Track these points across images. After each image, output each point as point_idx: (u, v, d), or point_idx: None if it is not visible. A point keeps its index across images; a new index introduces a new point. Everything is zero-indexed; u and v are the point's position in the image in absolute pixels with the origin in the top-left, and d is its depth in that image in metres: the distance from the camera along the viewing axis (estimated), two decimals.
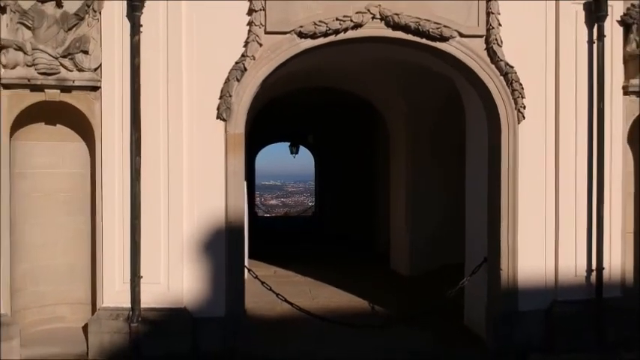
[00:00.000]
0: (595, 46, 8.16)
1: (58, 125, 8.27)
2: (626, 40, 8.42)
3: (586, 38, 8.22)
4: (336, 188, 21.07)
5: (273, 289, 8.52)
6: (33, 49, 7.47)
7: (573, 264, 8.26)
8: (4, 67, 7.45)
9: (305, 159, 29.37)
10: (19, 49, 7.45)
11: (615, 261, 8.42)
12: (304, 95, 14.76)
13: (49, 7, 7.52)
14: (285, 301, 8.52)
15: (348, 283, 11.95)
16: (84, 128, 8.14)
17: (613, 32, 8.34)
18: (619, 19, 8.36)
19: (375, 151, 17.66)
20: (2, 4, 7.35)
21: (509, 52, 8.04)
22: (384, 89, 13.03)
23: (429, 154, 13.07)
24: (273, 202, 61.62)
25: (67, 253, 8.47)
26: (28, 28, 7.48)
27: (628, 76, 8.46)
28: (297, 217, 32.38)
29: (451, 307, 9.31)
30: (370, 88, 13.44)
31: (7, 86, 7.50)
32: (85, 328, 8.22)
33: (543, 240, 8.23)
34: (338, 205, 20.94)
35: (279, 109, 16.10)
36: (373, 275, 13.10)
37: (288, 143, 23.05)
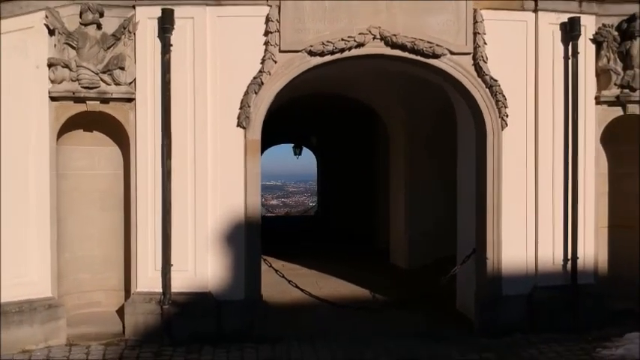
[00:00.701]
0: (570, 61, 9.36)
1: (94, 132, 9.49)
2: (598, 56, 9.63)
3: (562, 54, 9.43)
4: (338, 188, 22.24)
5: (286, 278, 9.73)
6: (77, 66, 8.66)
7: (551, 254, 9.46)
8: (53, 82, 8.64)
9: (306, 159, 30.44)
10: (66, 66, 8.64)
11: (589, 252, 9.63)
12: (310, 100, 15.90)
13: (91, 30, 8.71)
14: (297, 287, 9.74)
15: (351, 275, 13.17)
16: (118, 134, 9.34)
17: (586, 49, 9.54)
18: (591, 37, 9.57)
19: (375, 154, 18.83)
20: (51, 28, 8.54)
21: (493, 68, 9.23)
22: (384, 96, 14.22)
23: (427, 157, 14.24)
24: (274, 202, 62.65)
25: (102, 245, 9.68)
26: (73, 48, 8.67)
27: (600, 87, 9.67)
28: (298, 216, 33.48)
29: (445, 294, 10.57)
30: (371, 95, 14.63)
31: (54, 98, 8.68)
32: (118, 312, 9.45)
33: (524, 233, 9.43)
34: (340, 205, 22.10)
35: (285, 113, 17.23)
36: (374, 268, 14.29)
37: (292, 145, 24.22)
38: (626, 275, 10.28)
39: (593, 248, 9.68)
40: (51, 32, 8.60)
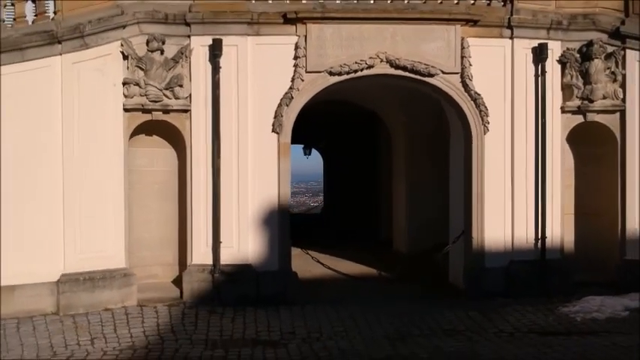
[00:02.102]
0: (539, 78, 11.88)
1: (154, 136, 11.99)
2: (563, 73, 12.14)
3: (533, 73, 11.96)
4: (344, 187, 24.66)
5: (310, 255, 12.24)
6: (145, 84, 11.15)
7: (525, 234, 11.97)
8: (126, 97, 11.14)
9: (307, 160, 32.53)
10: (136, 84, 11.13)
11: (556, 233, 12.13)
12: (321, 106, 18.33)
13: (156, 55, 11.19)
14: (319, 262, 12.27)
15: (360, 259, 15.69)
16: (174, 139, 11.84)
17: (553, 68, 12.06)
18: (557, 59, 12.09)
19: (378, 155, 21.25)
20: (126, 54, 11.04)
21: (477, 84, 11.74)
22: (387, 103, 16.70)
23: (425, 156, 16.61)
24: None
25: (159, 228, 12.18)
26: (142, 69, 11.15)
27: (565, 99, 12.18)
28: (304, 214, 35.84)
29: (440, 273, 13.09)
30: (376, 102, 17.11)
31: (127, 110, 11.17)
32: (173, 282, 11.95)
33: (503, 217, 11.94)
34: (345, 202, 24.51)
35: (298, 117, 19.68)
36: (379, 254, 16.78)
37: (302, 145, 26.71)
38: (590, 254, 12.77)
39: (559, 230, 12.18)
40: (125, 57, 11.09)
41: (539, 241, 11.96)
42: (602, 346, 9.11)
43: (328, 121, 22.50)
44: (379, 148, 21.05)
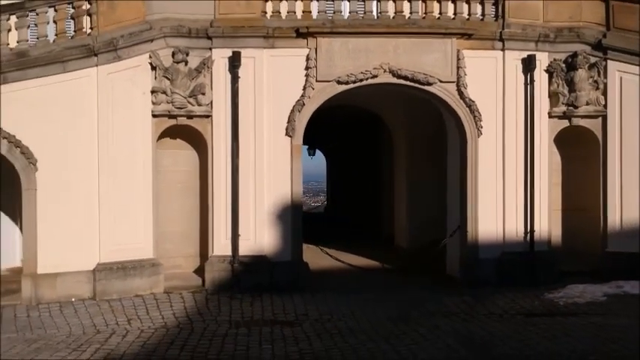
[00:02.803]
0: (528, 86, 13.20)
1: (177, 139, 13.32)
2: (550, 82, 13.46)
3: (523, 81, 13.28)
4: (347, 186, 26.01)
5: (320, 248, 13.56)
6: (172, 93, 12.48)
7: (515, 228, 13.29)
8: (154, 104, 12.47)
9: (308, 160, 33.72)
10: (163, 92, 12.46)
11: (544, 227, 13.44)
12: (326, 110, 19.64)
13: (181, 66, 12.51)
14: (327, 254, 13.60)
15: (364, 253, 16.99)
16: (196, 141, 13.17)
17: (541, 77, 13.38)
18: (545, 68, 13.41)
19: (380, 155, 22.53)
20: (154, 65, 12.36)
21: (471, 91, 13.06)
22: (389, 107, 18.00)
23: (425, 157, 17.88)
24: None
25: (182, 223, 13.51)
26: (168, 79, 12.48)
27: (552, 105, 13.51)
28: (307, 212, 37.10)
29: (437, 266, 14.42)
30: (379, 106, 18.41)
31: (155, 115, 12.51)
32: (195, 272, 13.28)
33: (495, 213, 13.26)
34: (349, 200, 25.87)
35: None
36: (381, 248, 18.10)
37: (306, 146, 28.05)
38: (576, 246, 14.11)
39: (547, 225, 13.50)
40: (153, 68, 12.42)
41: (528, 234, 13.27)
42: (581, 324, 10.41)
43: (333, 123, 23.80)
44: (381, 148, 22.31)
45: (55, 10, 11.93)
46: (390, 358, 8.67)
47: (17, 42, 11.69)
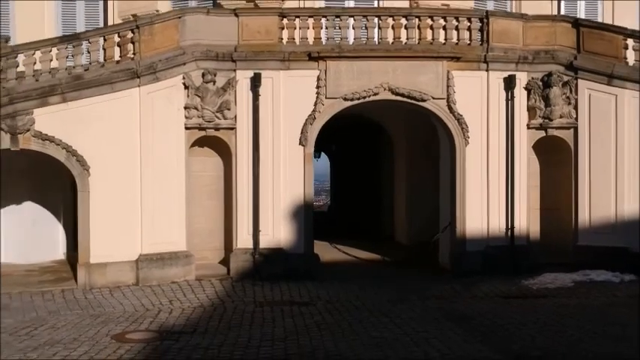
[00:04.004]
0: (509, 102, 15.48)
1: (205, 147, 15.61)
2: (528, 98, 15.74)
3: (504, 97, 15.55)
4: (351, 186, 28.18)
5: (329, 242, 15.85)
6: (202, 108, 14.74)
7: (498, 225, 15.57)
8: (187, 118, 14.74)
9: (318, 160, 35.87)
10: (195, 108, 14.74)
11: (523, 224, 15.72)
12: (334, 119, 21.87)
13: (210, 85, 14.78)
14: (336, 247, 15.90)
15: (366, 248, 19.27)
16: (221, 149, 15.45)
17: (521, 94, 15.66)
18: (524, 86, 15.68)
19: (382, 159, 24.74)
20: (187, 85, 14.65)
21: (460, 107, 15.32)
22: (390, 117, 20.25)
23: (422, 161, 20.07)
24: None
25: (208, 221, 15.78)
26: (199, 97, 14.75)
27: (530, 118, 15.78)
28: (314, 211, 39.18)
29: (432, 259, 16.71)
30: (380, 115, 20.66)
31: (187, 128, 14.79)
32: (220, 263, 15.57)
33: (480, 211, 15.52)
34: (353, 200, 28.03)
35: None
36: (382, 244, 20.38)
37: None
38: (552, 240, 16.38)
39: (526, 222, 15.78)
40: (186, 87, 14.70)
41: (509, 230, 15.54)
42: (547, 304, 12.68)
43: (338, 129, 25.96)
44: (382, 153, 24.53)
45: (105, 39, 14.23)
46: (389, 328, 10.93)
47: (74, 67, 13.96)
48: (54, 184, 16.46)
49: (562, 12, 18.73)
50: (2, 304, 12.32)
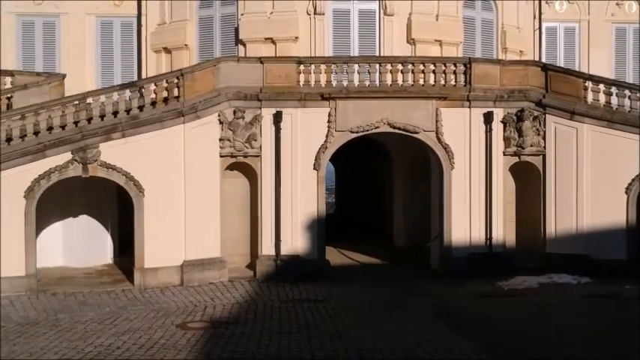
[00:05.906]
0: (487, 133, 18.89)
1: (235, 171, 19.04)
2: (504, 130, 19.13)
3: (484, 129, 18.95)
4: (354, 195, 31.57)
5: (335, 248, 19.33)
6: (233, 140, 18.15)
7: (478, 235, 18.98)
8: (221, 148, 18.14)
9: None
10: (228, 140, 18.14)
11: (500, 234, 19.14)
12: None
13: (240, 120, 18.16)
14: (342, 253, 19.38)
15: (367, 251, 22.63)
16: (248, 173, 18.87)
17: (498, 126, 19.06)
18: (501, 120, 19.08)
19: (382, 172, 28.01)
20: (221, 121, 18.05)
21: (447, 137, 18.71)
22: (390, 139, 23.53)
23: (417, 175, 23.36)
24: None
25: (235, 231, 19.19)
26: (231, 130, 18.14)
27: (506, 146, 19.18)
28: None
29: (425, 260, 20.15)
30: (382, 137, 24.00)
31: (222, 156, 18.19)
32: (247, 267, 19.01)
33: (464, 223, 18.92)
34: (356, 207, 31.41)
35: None
36: (382, 247, 23.68)
37: None
38: (525, 248, 19.77)
39: (502, 232, 19.20)
40: (220, 123, 18.12)
41: (488, 239, 18.97)
42: (514, 301, 16.09)
43: (345, 145, 29.32)
44: (383, 167, 27.76)
45: (156, 85, 17.65)
46: (387, 320, 14.33)
47: (131, 108, 17.37)
48: (103, 201, 19.87)
49: (543, 55, 22.43)
50: (80, 301, 15.79)
